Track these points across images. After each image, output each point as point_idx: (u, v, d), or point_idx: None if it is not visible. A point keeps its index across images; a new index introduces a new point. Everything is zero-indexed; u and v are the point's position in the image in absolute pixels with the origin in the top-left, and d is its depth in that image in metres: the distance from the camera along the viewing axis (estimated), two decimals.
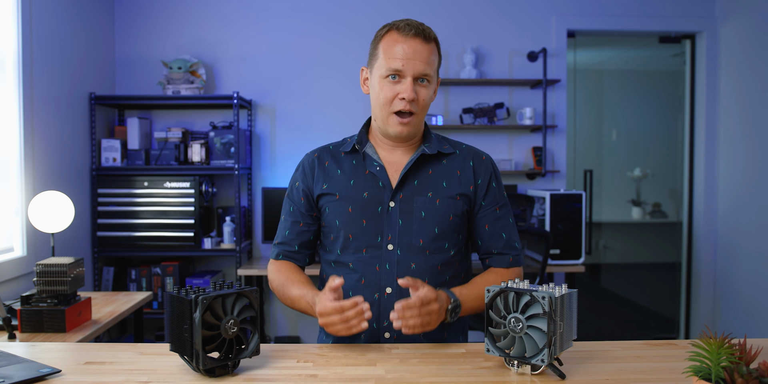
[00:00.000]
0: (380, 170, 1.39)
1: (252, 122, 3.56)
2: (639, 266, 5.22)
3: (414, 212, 1.37)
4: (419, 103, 1.33)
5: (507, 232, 1.44)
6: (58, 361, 1.15)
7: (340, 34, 3.58)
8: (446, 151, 1.42)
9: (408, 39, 1.32)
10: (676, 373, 1.06)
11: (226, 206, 3.55)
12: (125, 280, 3.34)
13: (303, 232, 1.46)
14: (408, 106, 1.32)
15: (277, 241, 1.48)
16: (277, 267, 1.45)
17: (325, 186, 1.41)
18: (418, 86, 1.33)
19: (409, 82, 1.31)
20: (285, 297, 1.39)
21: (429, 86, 1.35)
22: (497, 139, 3.67)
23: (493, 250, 1.44)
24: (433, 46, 1.36)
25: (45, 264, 1.79)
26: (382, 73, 1.34)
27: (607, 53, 5.06)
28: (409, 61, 1.31)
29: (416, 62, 1.31)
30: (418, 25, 1.34)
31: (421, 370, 1.10)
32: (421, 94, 1.33)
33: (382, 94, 1.34)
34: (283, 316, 3.64)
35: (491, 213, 1.43)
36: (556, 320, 1.01)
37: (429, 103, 1.38)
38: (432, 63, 1.34)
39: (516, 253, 1.45)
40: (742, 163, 3.51)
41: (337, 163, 1.43)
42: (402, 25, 1.34)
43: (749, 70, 3.45)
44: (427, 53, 1.32)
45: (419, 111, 1.34)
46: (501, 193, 1.45)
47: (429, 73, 1.33)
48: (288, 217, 1.47)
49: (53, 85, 2.80)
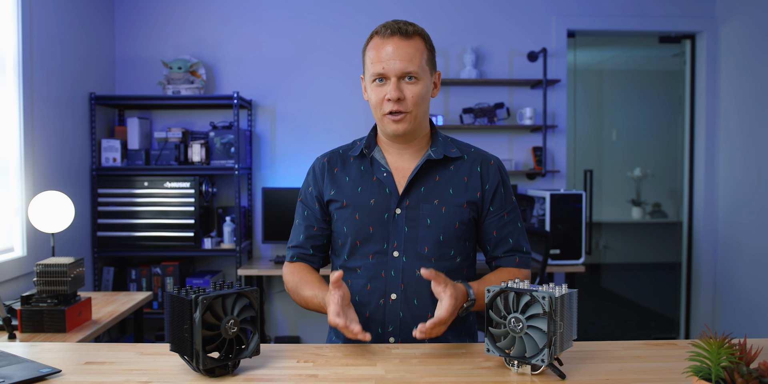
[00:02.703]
0: (387, 176, 1.39)
1: (252, 122, 3.56)
2: (639, 266, 5.22)
3: (420, 219, 1.37)
4: (408, 100, 1.32)
5: (514, 238, 1.43)
6: (58, 361, 1.15)
7: (340, 34, 3.58)
8: (453, 155, 1.41)
9: (386, 40, 1.32)
10: (676, 373, 1.06)
11: (226, 206, 3.55)
12: (125, 280, 3.34)
13: (317, 237, 1.46)
14: (395, 106, 1.32)
15: (292, 245, 1.48)
16: (292, 269, 1.45)
17: (333, 192, 1.42)
18: (405, 84, 1.32)
19: (393, 82, 1.31)
20: (299, 298, 1.40)
21: (418, 82, 1.33)
22: (497, 139, 3.67)
23: (499, 255, 1.44)
24: (416, 40, 1.33)
25: (45, 264, 1.79)
26: (370, 79, 1.35)
27: (607, 53, 5.06)
28: (389, 61, 1.31)
29: (395, 61, 1.30)
30: (394, 24, 1.33)
31: (421, 370, 1.10)
32: (409, 92, 1.32)
33: (372, 97, 1.35)
34: (283, 316, 3.64)
35: (498, 219, 1.42)
36: (556, 320, 1.01)
37: (422, 99, 1.34)
38: (415, 59, 1.32)
39: (523, 255, 1.44)
40: (742, 163, 3.51)
41: (345, 170, 1.43)
42: (380, 29, 1.34)
43: (749, 70, 3.45)
44: (407, 50, 1.31)
45: (412, 108, 1.33)
46: (509, 198, 1.44)
47: (412, 70, 1.31)
48: (302, 221, 1.47)
49: (53, 85, 2.80)
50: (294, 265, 1.46)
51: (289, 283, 1.43)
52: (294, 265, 1.46)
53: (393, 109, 1.32)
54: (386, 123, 1.35)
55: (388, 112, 1.33)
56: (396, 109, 1.32)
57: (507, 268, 1.43)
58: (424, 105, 1.36)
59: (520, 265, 1.43)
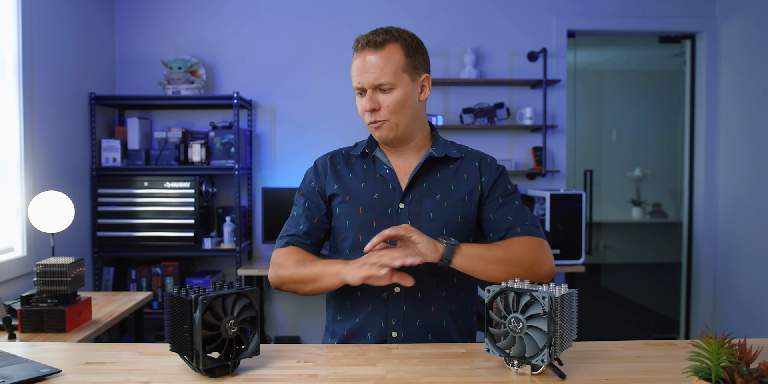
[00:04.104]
0: (390, 173, 1.42)
1: (252, 122, 3.56)
2: (639, 266, 5.22)
3: (422, 213, 1.39)
4: (383, 109, 1.35)
5: (513, 215, 1.39)
6: (58, 361, 1.15)
7: (340, 34, 3.58)
8: (453, 155, 1.43)
9: (359, 54, 1.37)
10: (676, 373, 1.06)
11: (226, 206, 3.55)
12: (125, 280, 3.34)
13: (317, 229, 1.44)
14: (372, 116, 1.37)
15: (288, 234, 1.43)
16: (286, 252, 1.40)
17: (336, 186, 1.43)
18: (380, 94, 1.35)
19: (369, 94, 1.35)
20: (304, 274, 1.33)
21: (393, 90, 1.34)
22: (497, 139, 3.66)
23: (502, 234, 1.39)
24: (388, 49, 1.34)
25: (45, 264, 1.79)
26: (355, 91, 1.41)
27: (607, 53, 5.06)
28: (361, 75, 1.35)
29: (366, 74, 1.34)
30: (365, 37, 1.36)
31: (421, 370, 1.10)
32: (384, 101, 1.35)
33: (358, 108, 1.41)
34: (283, 316, 3.64)
35: (494, 202, 1.42)
36: (556, 320, 1.01)
37: (401, 106, 1.35)
38: (386, 69, 1.33)
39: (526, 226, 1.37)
40: (742, 163, 3.51)
41: (348, 167, 1.46)
42: (355, 42, 1.39)
43: (749, 70, 3.45)
44: (378, 61, 1.33)
45: (389, 116, 1.36)
46: (505, 186, 1.44)
47: (384, 81, 1.33)
48: (303, 211, 1.45)
49: (53, 85, 2.80)
50: (289, 248, 1.40)
51: (286, 265, 1.35)
52: (289, 248, 1.40)
53: (371, 120, 1.38)
54: (372, 131, 1.41)
55: (369, 122, 1.39)
56: (373, 120, 1.37)
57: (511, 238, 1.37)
58: (405, 111, 1.37)
59: (524, 234, 1.36)
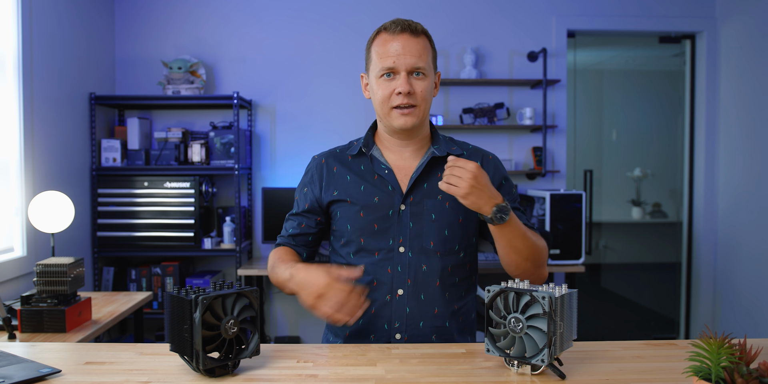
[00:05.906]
0: (389, 173, 1.40)
1: (252, 122, 3.56)
2: (639, 266, 5.22)
3: (424, 215, 1.38)
4: (417, 95, 1.34)
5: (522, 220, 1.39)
6: (58, 361, 1.15)
7: (340, 34, 3.58)
8: (454, 152, 1.43)
9: (396, 36, 1.34)
10: (676, 373, 1.06)
11: (226, 206, 3.55)
12: (125, 280, 3.34)
13: (303, 235, 1.47)
14: (405, 99, 1.33)
15: (280, 235, 1.51)
16: (273, 252, 1.46)
17: (336, 192, 1.42)
18: (413, 80, 1.34)
19: (404, 76, 1.33)
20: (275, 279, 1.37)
21: (425, 79, 1.35)
22: (497, 139, 3.66)
23: None
24: (424, 39, 1.36)
25: (45, 264, 1.79)
26: (377, 74, 1.36)
27: (607, 53, 5.06)
28: (400, 56, 1.32)
29: (407, 56, 1.32)
30: (404, 22, 1.36)
31: (421, 370, 1.10)
32: (418, 87, 1.34)
33: (380, 92, 1.36)
34: (283, 316, 3.64)
35: None
36: (556, 320, 1.01)
37: (429, 96, 1.37)
38: (423, 56, 1.34)
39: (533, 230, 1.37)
40: (742, 163, 3.51)
41: (345, 168, 1.44)
42: (388, 25, 1.36)
43: (749, 70, 3.44)
44: (417, 47, 1.33)
45: (420, 103, 1.35)
46: (508, 189, 1.45)
47: (422, 66, 1.34)
48: (294, 218, 1.49)
49: (53, 85, 2.80)
50: (277, 249, 1.48)
51: (268, 264, 1.44)
52: (277, 249, 1.48)
53: (402, 102, 1.33)
54: (394, 117, 1.36)
55: (396, 106, 1.34)
56: (406, 103, 1.33)
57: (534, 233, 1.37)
58: (429, 102, 1.38)
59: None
